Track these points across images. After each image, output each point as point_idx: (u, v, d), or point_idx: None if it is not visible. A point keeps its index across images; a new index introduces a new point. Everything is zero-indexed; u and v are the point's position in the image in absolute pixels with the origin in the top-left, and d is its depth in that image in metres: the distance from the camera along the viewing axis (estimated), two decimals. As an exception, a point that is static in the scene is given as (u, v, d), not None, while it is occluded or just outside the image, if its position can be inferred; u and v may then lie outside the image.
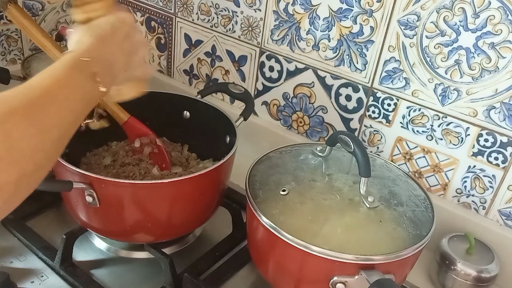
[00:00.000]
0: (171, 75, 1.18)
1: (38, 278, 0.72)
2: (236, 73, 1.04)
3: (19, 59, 1.16)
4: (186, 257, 0.78)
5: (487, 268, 0.73)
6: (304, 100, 0.96)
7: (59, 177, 0.70)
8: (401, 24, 0.79)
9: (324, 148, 0.73)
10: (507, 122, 0.74)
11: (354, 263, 0.57)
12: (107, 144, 0.90)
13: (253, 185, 0.67)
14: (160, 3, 1.11)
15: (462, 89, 0.76)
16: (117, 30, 0.54)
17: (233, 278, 0.76)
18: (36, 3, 1.13)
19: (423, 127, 0.82)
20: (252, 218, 0.65)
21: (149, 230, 0.72)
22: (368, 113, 0.88)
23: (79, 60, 0.48)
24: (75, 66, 0.47)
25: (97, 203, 0.67)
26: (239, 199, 0.87)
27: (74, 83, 0.46)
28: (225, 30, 1.02)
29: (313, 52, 0.91)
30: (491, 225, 0.79)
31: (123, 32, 0.54)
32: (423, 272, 0.81)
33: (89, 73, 0.48)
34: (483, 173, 0.79)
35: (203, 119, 0.87)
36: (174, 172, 0.84)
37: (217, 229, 0.85)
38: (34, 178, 0.42)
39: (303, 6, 0.88)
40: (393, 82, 0.83)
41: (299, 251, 0.58)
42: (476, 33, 0.72)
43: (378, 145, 0.89)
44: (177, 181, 0.67)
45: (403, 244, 0.60)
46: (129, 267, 0.77)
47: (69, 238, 0.73)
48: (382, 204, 0.64)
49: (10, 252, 0.76)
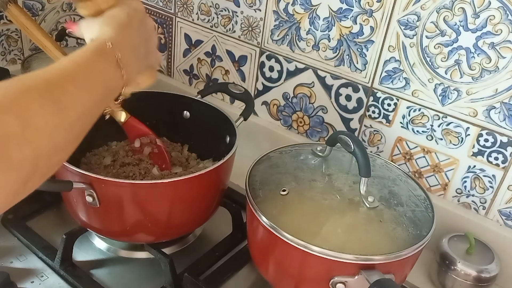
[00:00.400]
0: (171, 75, 1.18)
1: (38, 278, 0.72)
2: (236, 73, 1.04)
3: (19, 59, 1.16)
4: (186, 257, 0.78)
5: (487, 268, 0.73)
6: (304, 100, 0.96)
7: (59, 177, 0.69)
8: (401, 24, 0.79)
9: (324, 148, 0.73)
10: (507, 122, 0.74)
11: (354, 263, 0.57)
12: (107, 144, 0.90)
13: (253, 185, 0.67)
14: (160, 3, 1.11)
15: (462, 89, 0.76)
16: (133, 19, 0.54)
17: (233, 278, 0.76)
18: (36, 3, 1.13)
19: (423, 127, 0.82)
20: (252, 218, 0.65)
21: (149, 230, 0.72)
22: (368, 113, 0.88)
23: (102, 46, 0.47)
24: (98, 52, 0.47)
25: (97, 203, 0.67)
26: (239, 199, 0.87)
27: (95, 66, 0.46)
28: (225, 30, 1.02)
29: (313, 52, 0.91)
30: (491, 225, 0.79)
31: (138, 19, 0.54)
32: (423, 272, 0.81)
33: (113, 59, 0.47)
34: (483, 173, 0.79)
35: (203, 119, 0.87)
36: (174, 172, 0.84)
37: (217, 229, 0.85)
38: (54, 160, 0.40)
39: (303, 6, 0.88)
40: (393, 82, 0.83)
41: (299, 251, 0.58)
42: (476, 33, 0.72)
43: (378, 145, 0.89)
44: (177, 181, 0.67)
45: (403, 244, 0.60)
46: (129, 267, 0.77)
47: (69, 238, 0.73)
48: (382, 204, 0.64)
49: (10, 252, 0.76)
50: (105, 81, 0.47)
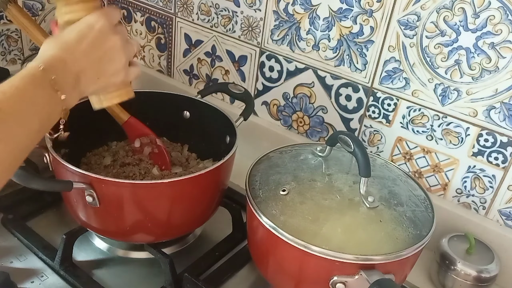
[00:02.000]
0: (171, 75, 1.18)
1: (38, 278, 0.72)
2: (236, 73, 1.04)
3: (19, 59, 1.16)
4: (186, 257, 0.78)
5: (487, 268, 0.73)
6: (304, 100, 0.96)
7: (59, 177, 0.70)
8: (401, 24, 0.79)
9: (324, 148, 0.73)
10: (507, 122, 0.74)
11: (354, 263, 0.57)
12: (107, 144, 0.90)
13: (253, 185, 0.67)
14: (160, 3, 1.11)
15: (462, 89, 0.76)
16: (84, 38, 0.51)
17: (233, 278, 0.76)
18: (36, 3, 1.13)
19: (423, 127, 0.82)
20: (252, 218, 0.65)
21: (149, 230, 0.72)
22: (368, 113, 0.88)
23: (34, 71, 0.45)
24: (29, 78, 0.44)
25: (97, 203, 0.67)
26: (239, 199, 0.87)
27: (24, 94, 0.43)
28: (225, 30, 1.02)
29: (313, 52, 0.91)
30: (491, 225, 0.79)
31: (89, 39, 0.51)
32: (423, 272, 0.81)
33: (46, 83, 0.45)
34: (483, 173, 0.79)
35: (203, 119, 0.87)
36: (174, 172, 0.84)
37: (217, 229, 0.85)
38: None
39: (303, 6, 0.88)
40: (393, 82, 0.83)
41: (299, 251, 0.58)
42: (476, 33, 0.72)
43: (378, 145, 0.89)
44: (177, 181, 0.67)
45: (403, 244, 0.60)
46: (129, 267, 0.77)
47: (69, 238, 0.73)
48: (382, 204, 0.64)
49: (10, 252, 0.76)
50: (38, 110, 0.44)
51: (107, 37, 0.52)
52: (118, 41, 0.53)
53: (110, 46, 0.53)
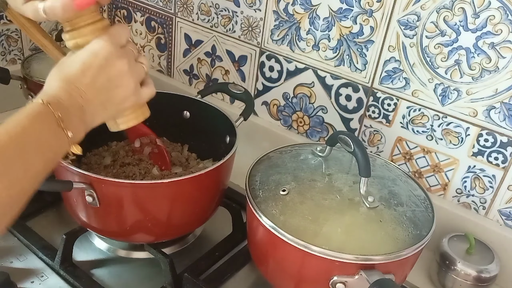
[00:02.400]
0: (171, 75, 1.18)
1: (38, 278, 0.72)
2: (236, 73, 1.04)
3: (19, 59, 1.16)
4: (186, 257, 0.78)
5: (487, 268, 0.73)
6: (304, 100, 0.96)
7: (59, 177, 0.69)
8: (401, 24, 0.79)
9: (324, 148, 0.73)
10: (507, 122, 0.74)
11: (354, 263, 0.57)
12: (107, 144, 0.90)
13: (253, 185, 0.67)
14: (160, 3, 1.11)
15: (462, 89, 0.76)
16: (88, 68, 0.49)
17: (233, 278, 0.76)
18: (36, 3, 1.13)
19: (423, 127, 0.82)
20: (252, 218, 0.65)
21: (149, 230, 0.72)
22: (368, 113, 0.88)
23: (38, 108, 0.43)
24: (33, 117, 0.43)
25: (97, 203, 0.67)
26: (239, 199, 0.87)
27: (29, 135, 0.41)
28: (225, 30, 1.02)
29: (313, 52, 0.91)
30: (491, 225, 0.79)
31: (94, 68, 0.49)
32: (423, 272, 0.81)
33: (52, 120, 0.44)
34: (483, 173, 0.79)
35: (203, 119, 0.87)
36: (174, 172, 0.84)
37: (217, 229, 0.85)
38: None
39: (303, 6, 0.88)
40: (393, 82, 0.83)
41: (299, 251, 0.58)
42: (476, 33, 0.72)
43: (378, 145, 0.89)
44: (177, 181, 0.67)
45: (403, 244, 0.60)
46: (129, 267, 0.77)
47: (69, 238, 0.73)
48: (382, 204, 0.64)
49: (10, 252, 0.76)
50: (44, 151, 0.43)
51: (113, 64, 0.50)
52: (125, 65, 0.51)
53: (116, 72, 0.50)
